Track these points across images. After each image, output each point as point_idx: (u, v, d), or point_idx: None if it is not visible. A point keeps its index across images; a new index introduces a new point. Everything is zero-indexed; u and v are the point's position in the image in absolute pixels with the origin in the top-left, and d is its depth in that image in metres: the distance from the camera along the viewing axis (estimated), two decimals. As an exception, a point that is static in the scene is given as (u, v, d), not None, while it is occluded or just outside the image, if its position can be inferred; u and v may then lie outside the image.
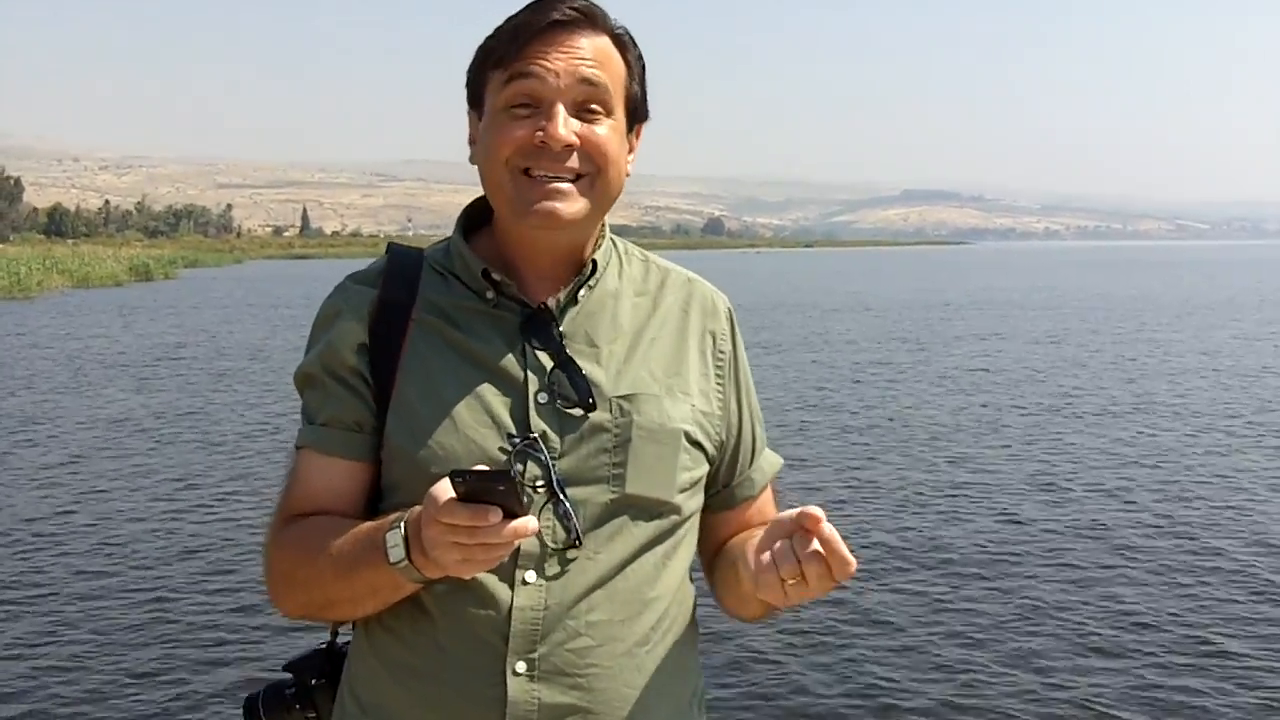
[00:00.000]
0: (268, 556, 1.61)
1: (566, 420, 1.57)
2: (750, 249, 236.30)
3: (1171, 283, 57.17)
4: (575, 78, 1.52)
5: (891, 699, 5.66)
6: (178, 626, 6.63)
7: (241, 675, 5.85)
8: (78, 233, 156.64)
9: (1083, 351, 22.14)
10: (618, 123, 1.58)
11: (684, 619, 1.68)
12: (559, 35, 1.53)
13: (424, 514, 1.36)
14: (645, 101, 1.65)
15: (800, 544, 1.40)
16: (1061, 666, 6.03)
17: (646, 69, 1.65)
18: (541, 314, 1.61)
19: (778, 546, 1.43)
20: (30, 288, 44.73)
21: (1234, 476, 10.53)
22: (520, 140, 1.53)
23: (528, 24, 1.53)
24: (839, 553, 1.39)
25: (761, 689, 5.79)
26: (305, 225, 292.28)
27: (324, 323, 1.66)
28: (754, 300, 40.16)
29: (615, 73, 1.57)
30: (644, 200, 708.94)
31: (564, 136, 1.51)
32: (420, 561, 1.39)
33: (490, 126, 1.56)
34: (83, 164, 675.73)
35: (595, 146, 1.54)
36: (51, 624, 6.67)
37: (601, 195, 1.59)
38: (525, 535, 1.33)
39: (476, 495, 1.30)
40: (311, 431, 1.61)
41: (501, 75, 1.54)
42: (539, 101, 1.53)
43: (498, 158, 1.55)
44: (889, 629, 6.54)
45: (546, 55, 1.52)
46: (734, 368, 1.74)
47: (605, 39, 1.57)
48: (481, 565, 1.36)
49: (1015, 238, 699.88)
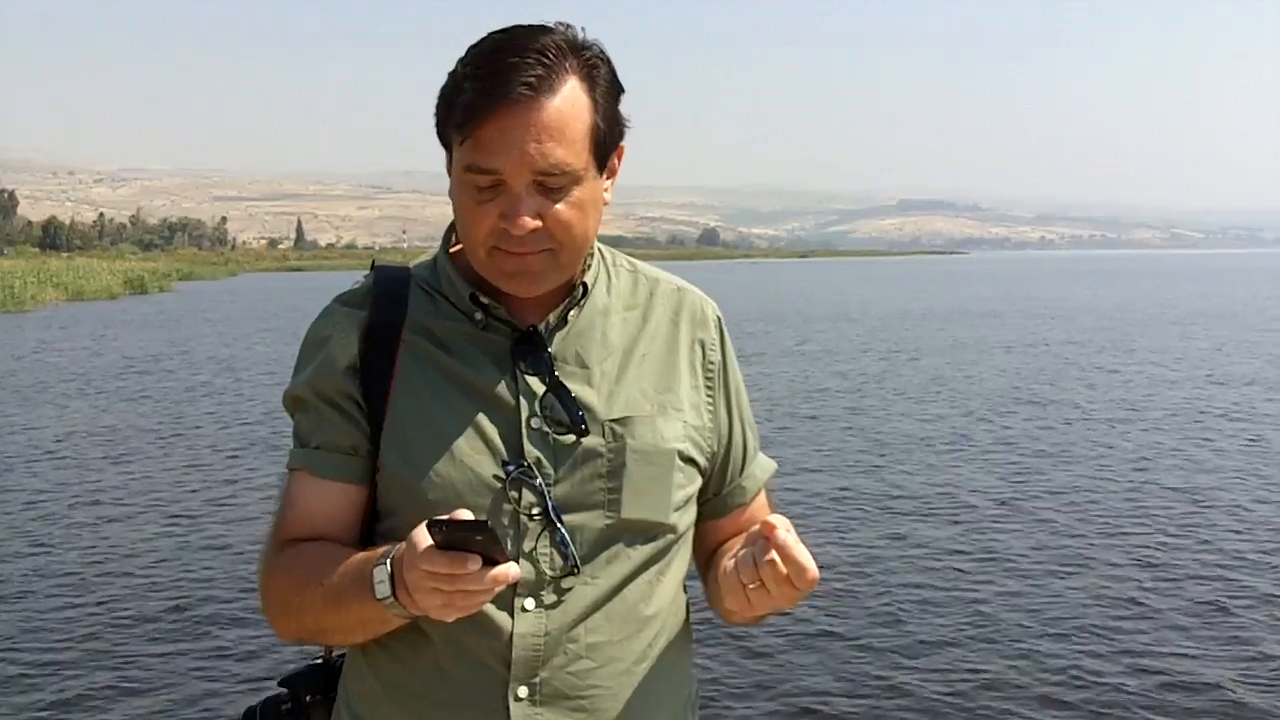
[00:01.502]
0: (262, 581, 1.61)
1: (560, 446, 1.56)
2: (745, 259, 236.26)
3: (1153, 293, 57.20)
4: (531, 169, 1.47)
5: (890, 698, 5.67)
6: (176, 635, 6.63)
7: (241, 685, 5.85)
8: (72, 246, 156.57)
9: (1059, 361, 22.22)
10: (587, 178, 1.53)
11: (678, 629, 1.69)
12: (514, 117, 1.46)
13: (405, 558, 1.36)
14: (618, 123, 1.58)
15: (760, 552, 1.42)
16: (1062, 667, 6.06)
17: (620, 85, 1.57)
18: (531, 337, 1.60)
19: (741, 553, 1.45)
20: (24, 301, 44.69)
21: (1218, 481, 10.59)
22: (491, 222, 1.51)
23: (482, 105, 1.46)
24: (795, 559, 1.40)
25: (757, 685, 5.80)
26: (300, 238, 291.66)
27: (313, 346, 1.64)
28: (748, 310, 40.23)
29: (578, 131, 1.50)
30: (639, 211, 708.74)
31: (526, 224, 1.49)
32: (406, 599, 1.38)
33: (459, 192, 1.54)
34: (78, 177, 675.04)
35: (558, 225, 1.51)
36: (45, 635, 6.65)
37: (571, 259, 1.57)
38: (505, 583, 1.33)
39: (454, 544, 1.30)
40: (305, 454, 1.60)
41: (460, 148, 1.50)
42: (500, 184, 1.49)
43: (473, 235, 1.54)
44: (879, 629, 6.55)
45: (504, 142, 1.46)
46: (724, 376, 1.73)
47: (565, 89, 1.49)
48: (462, 611, 1.35)
49: (1011, 247, 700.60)
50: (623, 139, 1.60)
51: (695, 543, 1.74)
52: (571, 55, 1.51)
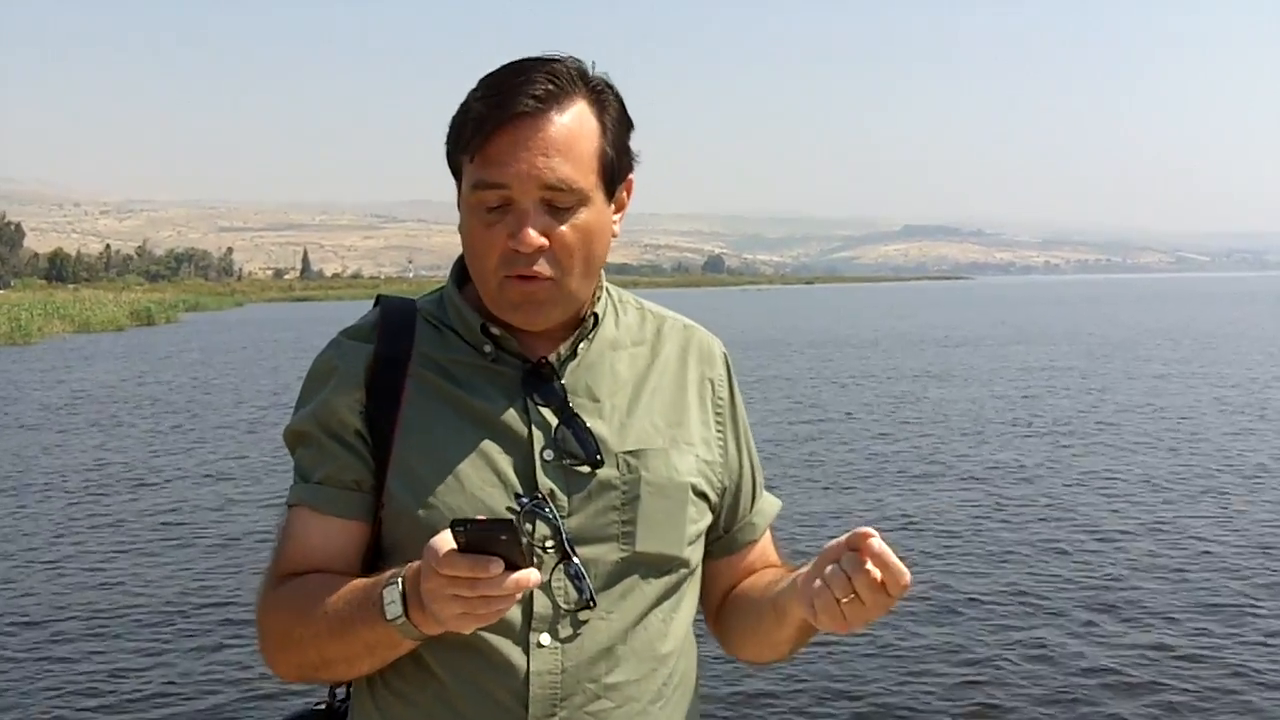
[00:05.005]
0: (261, 617, 1.57)
1: (574, 478, 1.55)
2: (751, 286, 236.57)
3: (1159, 316, 57.18)
4: (539, 184, 1.48)
5: (891, 699, 5.64)
6: (175, 680, 6.53)
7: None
8: (78, 278, 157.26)
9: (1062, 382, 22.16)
10: (595, 202, 1.54)
11: (691, 669, 1.67)
12: (522, 130, 1.48)
13: (423, 566, 1.33)
14: (627, 154, 1.59)
15: (852, 563, 1.40)
16: (1063, 668, 6.13)
17: (629, 119, 1.60)
18: (542, 369, 1.59)
19: (828, 570, 1.42)
20: (31, 333, 44.74)
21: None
22: (500, 246, 1.51)
23: (492, 117, 1.48)
24: (891, 565, 1.38)
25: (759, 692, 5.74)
26: (306, 268, 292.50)
27: (318, 379, 1.62)
28: (755, 338, 40.19)
29: (585, 150, 1.52)
30: (643, 238, 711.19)
31: (533, 242, 1.49)
32: (418, 618, 1.37)
33: (469, 218, 1.54)
34: (84, 209, 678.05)
35: (563, 247, 1.51)
36: (44, 676, 6.57)
37: (580, 288, 1.57)
38: (527, 587, 1.31)
39: (477, 546, 1.28)
40: (307, 490, 1.57)
41: (470, 168, 1.52)
42: (508, 202, 1.50)
43: (484, 263, 1.54)
44: (888, 645, 6.53)
45: (512, 154, 1.48)
46: (733, 413, 1.73)
47: (574, 109, 1.52)
48: (482, 620, 1.33)
49: (1016, 272, 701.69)
50: (632, 171, 1.61)
51: (705, 585, 1.72)
52: (581, 81, 1.53)
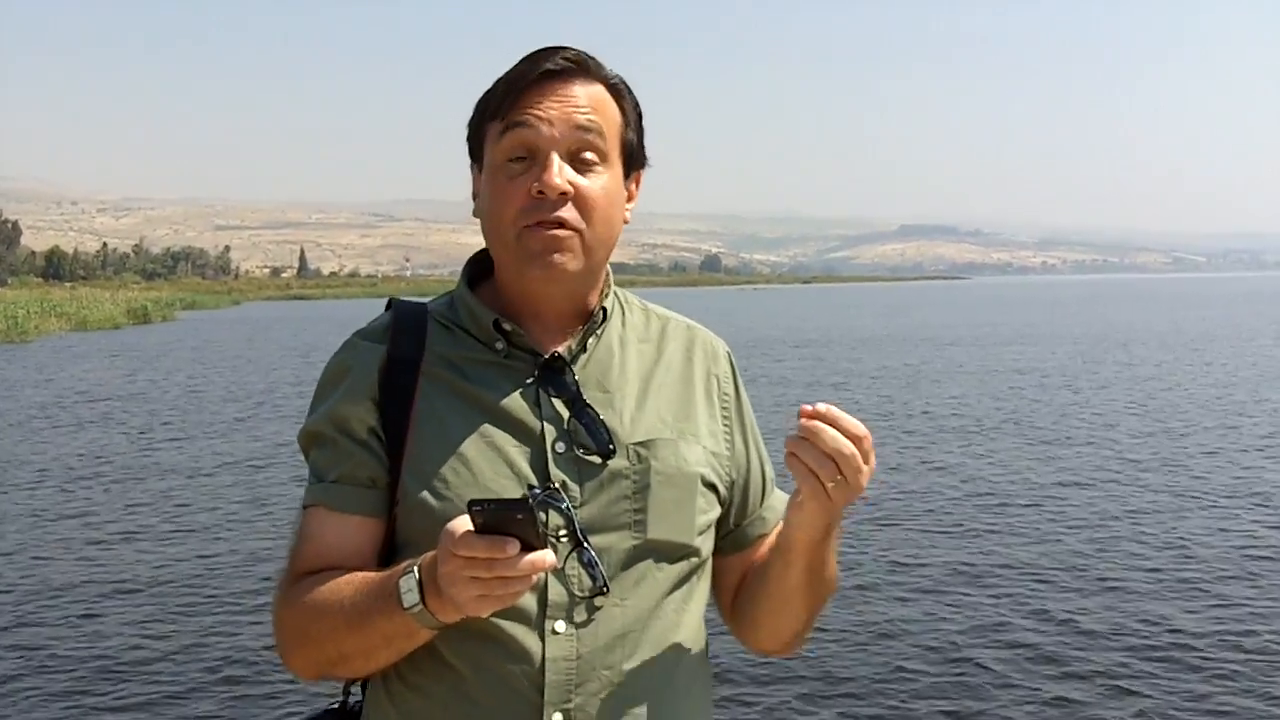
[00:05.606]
0: (277, 615, 1.59)
1: (585, 468, 1.58)
2: (748, 285, 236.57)
3: (1152, 317, 57.23)
4: (569, 125, 1.56)
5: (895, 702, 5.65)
6: (190, 682, 6.47)
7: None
8: (75, 275, 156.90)
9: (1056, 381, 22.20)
10: (614, 171, 1.61)
11: (703, 659, 1.70)
12: (553, 85, 1.57)
13: (440, 550, 1.36)
14: (642, 149, 1.68)
15: (804, 432, 1.44)
16: (1065, 671, 6.14)
17: (643, 116, 1.68)
18: (555, 362, 1.62)
19: (813, 453, 1.45)
20: (28, 331, 44.70)
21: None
22: (521, 197, 1.55)
23: (522, 75, 1.57)
24: (840, 421, 1.43)
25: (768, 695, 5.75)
26: (303, 266, 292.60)
27: (333, 380, 1.65)
28: (756, 338, 40.19)
29: (610, 119, 1.60)
30: (641, 238, 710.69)
31: (558, 184, 1.54)
32: (435, 605, 1.39)
33: (491, 181, 1.60)
34: (80, 207, 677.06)
35: (587, 200, 1.57)
36: (45, 686, 6.52)
37: (598, 248, 1.61)
38: (543, 568, 1.33)
39: (495, 526, 1.30)
40: (323, 489, 1.60)
41: (498, 126, 1.58)
42: (534, 152, 1.56)
43: (502, 215, 1.58)
44: (890, 642, 6.57)
45: (541, 104, 1.56)
46: (738, 409, 1.77)
47: (600, 87, 1.60)
48: (499, 602, 1.35)
49: (1013, 272, 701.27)
50: (644, 168, 1.70)
51: (718, 581, 1.74)
52: (602, 70, 1.63)
